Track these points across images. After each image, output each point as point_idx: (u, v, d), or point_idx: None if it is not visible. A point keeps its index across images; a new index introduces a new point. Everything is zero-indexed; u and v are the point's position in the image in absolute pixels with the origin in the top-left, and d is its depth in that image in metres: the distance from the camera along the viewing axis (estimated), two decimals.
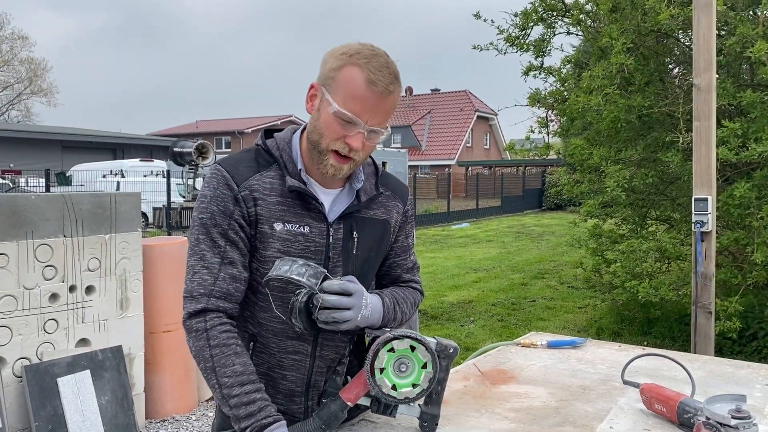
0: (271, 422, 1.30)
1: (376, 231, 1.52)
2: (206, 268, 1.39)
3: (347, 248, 1.47)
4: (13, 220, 3.35)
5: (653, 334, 5.98)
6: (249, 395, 1.32)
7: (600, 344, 2.30)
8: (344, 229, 1.47)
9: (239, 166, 1.43)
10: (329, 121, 1.36)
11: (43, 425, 3.33)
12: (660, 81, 5.51)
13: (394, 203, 1.58)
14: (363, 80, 1.33)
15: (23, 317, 3.39)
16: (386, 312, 1.46)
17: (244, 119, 45.66)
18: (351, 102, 1.33)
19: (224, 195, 1.40)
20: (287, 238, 1.41)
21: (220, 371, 1.33)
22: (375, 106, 1.34)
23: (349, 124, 1.35)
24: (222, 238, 1.39)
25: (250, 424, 1.29)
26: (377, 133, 1.38)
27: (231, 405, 1.32)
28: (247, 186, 1.41)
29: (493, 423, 1.53)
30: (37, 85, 46.27)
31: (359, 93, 1.33)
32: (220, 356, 1.34)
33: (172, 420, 4.13)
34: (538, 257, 12.07)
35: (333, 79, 1.35)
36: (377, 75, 1.33)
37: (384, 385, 1.35)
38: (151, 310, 4.05)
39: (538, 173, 29.36)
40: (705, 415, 1.39)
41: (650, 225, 6.46)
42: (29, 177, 19.22)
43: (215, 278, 1.38)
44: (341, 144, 1.36)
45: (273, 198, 1.42)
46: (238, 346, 1.36)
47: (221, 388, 1.33)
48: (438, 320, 7.06)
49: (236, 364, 1.33)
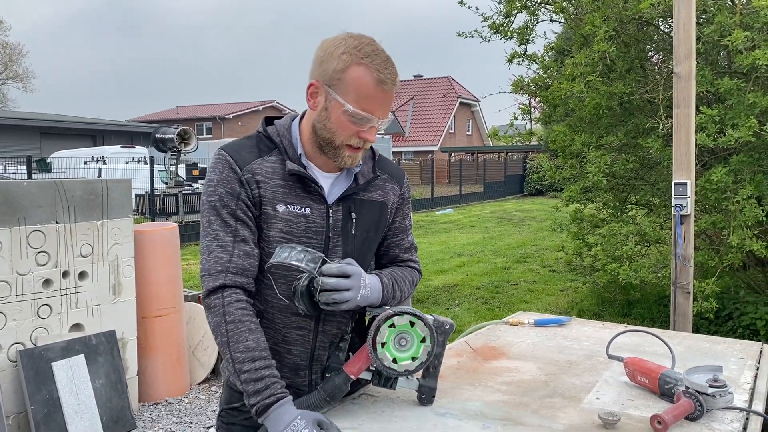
0: (273, 401, 1.36)
1: (373, 212, 1.60)
2: (221, 246, 1.45)
3: (346, 229, 1.54)
4: (5, 207, 3.37)
5: (633, 315, 6.14)
6: (258, 371, 1.38)
7: (584, 323, 2.41)
8: (343, 210, 1.54)
9: (241, 152, 1.50)
10: (341, 120, 1.43)
11: (39, 409, 3.38)
12: (641, 68, 5.62)
13: (391, 186, 1.65)
14: (373, 80, 1.41)
15: (17, 303, 3.42)
16: (385, 291, 1.53)
17: (225, 104, 45.26)
18: (364, 102, 1.41)
19: (230, 177, 1.47)
20: (289, 219, 1.49)
21: (234, 346, 1.39)
22: (385, 102, 1.44)
23: (362, 121, 1.43)
24: (232, 217, 1.47)
25: (256, 402, 1.36)
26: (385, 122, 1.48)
27: (242, 380, 1.38)
28: (249, 170, 1.48)
29: (487, 395, 1.63)
30: (12, 70, 45.47)
31: (371, 93, 1.41)
32: (234, 332, 1.40)
33: (165, 403, 4.20)
34: (519, 242, 12.23)
35: (340, 80, 1.42)
36: (385, 74, 1.42)
37: (385, 358, 1.43)
38: (143, 295, 4.09)
39: (519, 159, 29.55)
40: (684, 384, 1.50)
41: (630, 209, 6.60)
42: (7, 164, 18.95)
43: (230, 255, 1.45)
44: (356, 139, 1.45)
45: (275, 181, 1.49)
46: (253, 323, 1.43)
47: (234, 362, 1.39)
48: (424, 304, 7.17)
49: (249, 340, 1.40)
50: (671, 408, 1.42)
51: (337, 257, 1.54)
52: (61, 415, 3.44)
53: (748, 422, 1.47)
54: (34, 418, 3.35)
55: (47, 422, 3.39)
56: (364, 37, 1.45)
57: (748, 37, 4.15)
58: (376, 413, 1.51)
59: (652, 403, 1.56)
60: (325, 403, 1.48)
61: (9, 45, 45.33)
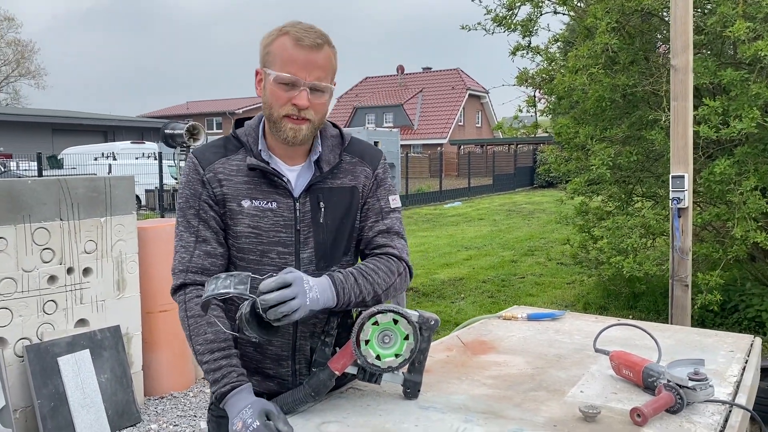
0: (228, 390, 1.42)
1: (344, 199, 1.58)
2: (183, 247, 1.54)
3: (316, 219, 1.55)
4: (10, 205, 3.42)
5: (638, 308, 6.13)
6: (216, 362, 1.45)
7: (578, 317, 2.41)
8: (311, 201, 1.55)
9: (206, 153, 1.57)
10: (273, 90, 1.47)
11: (45, 403, 3.44)
12: (645, 60, 5.59)
13: (362, 168, 1.62)
14: (291, 43, 1.45)
15: (23, 299, 3.48)
16: (339, 288, 1.45)
17: (235, 99, 45.42)
18: (287, 65, 1.45)
19: (193, 179, 1.55)
20: (255, 214, 1.52)
21: (195, 339, 1.47)
22: (308, 61, 1.46)
23: (291, 87, 1.46)
24: (195, 218, 1.54)
25: (215, 390, 1.43)
26: (321, 90, 1.48)
27: (204, 370, 1.46)
28: (211, 169, 1.54)
29: (472, 389, 1.65)
30: (24, 67, 45.83)
31: (290, 54, 1.45)
32: (195, 325, 1.48)
33: (170, 397, 4.25)
34: (528, 235, 12.21)
35: (268, 53, 1.49)
36: (302, 33, 1.46)
37: (369, 355, 1.45)
38: (147, 290, 4.14)
39: (529, 151, 29.44)
40: (666, 378, 1.51)
41: (637, 201, 6.58)
42: (20, 160, 19.14)
43: (191, 255, 1.53)
44: (289, 107, 1.47)
45: (239, 178, 1.53)
46: (213, 316, 1.47)
47: (196, 354, 1.47)
48: (429, 297, 7.20)
49: (208, 333, 1.46)
50: (651, 401, 1.44)
51: (310, 249, 1.55)
52: (67, 409, 3.50)
53: (730, 415, 1.48)
54: (41, 412, 3.41)
55: (54, 416, 3.45)
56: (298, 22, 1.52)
57: (750, 28, 4.13)
58: (361, 407, 1.54)
59: (635, 396, 1.57)
60: (310, 398, 1.51)
61: (21, 42, 45.71)
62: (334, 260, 1.58)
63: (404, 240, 1.65)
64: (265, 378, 1.62)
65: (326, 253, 1.57)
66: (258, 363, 1.61)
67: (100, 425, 3.61)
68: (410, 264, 1.64)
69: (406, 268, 1.61)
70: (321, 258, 1.56)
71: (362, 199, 1.62)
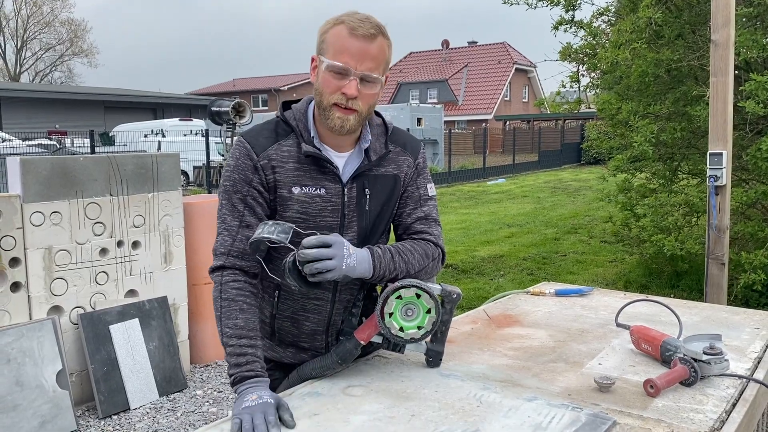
0: (252, 375, 1.46)
1: (387, 186, 1.66)
2: (227, 230, 1.58)
3: (361, 205, 1.62)
4: (64, 181, 3.61)
5: (681, 287, 6.05)
6: (242, 348, 1.49)
7: (606, 293, 2.44)
8: (357, 187, 1.61)
9: (259, 138, 1.59)
10: (325, 77, 1.51)
11: (99, 367, 3.65)
12: (692, 33, 5.45)
13: (404, 158, 1.70)
14: (346, 32, 1.49)
15: (77, 270, 3.68)
16: (377, 262, 1.53)
17: (281, 76, 45.78)
18: (339, 54, 1.49)
19: (245, 165, 1.57)
20: (305, 200, 1.57)
21: (225, 322, 1.52)
22: (360, 52, 1.49)
23: (342, 75, 1.49)
24: (241, 203, 1.57)
25: (235, 372, 1.47)
26: (371, 82, 1.52)
27: (227, 352, 1.51)
28: (266, 155, 1.57)
29: (493, 359, 1.71)
30: (77, 46, 47.16)
31: (344, 43, 1.49)
32: (227, 309, 1.53)
33: (214, 365, 4.45)
34: (572, 212, 12.08)
35: (324, 41, 1.52)
36: (357, 24, 1.49)
37: (392, 327, 1.53)
38: (192, 263, 4.31)
39: (577, 127, 28.89)
40: (682, 351, 1.54)
41: (681, 179, 6.46)
42: (74, 137, 19.80)
43: (233, 239, 1.57)
44: (339, 96, 1.51)
45: (290, 164, 1.57)
46: (245, 304, 1.53)
47: (222, 336, 1.52)
48: (468, 274, 7.24)
49: (239, 319, 1.52)
50: (665, 373, 1.48)
51: (353, 233, 1.62)
52: (118, 374, 3.71)
53: (745, 389, 1.51)
54: (95, 376, 3.62)
55: (106, 380, 3.66)
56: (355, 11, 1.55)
57: None
58: (385, 373, 1.62)
59: (652, 369, 1.61)
60: (336, 365, 1.60)
61: (74, 21, 47.03)
62: (372, 243, 1.64)
63: (440, 227, 1.75)
64: (299, 350, 1.72)
65: (366, 237, 1.65)
66: (294, 337, 1.71)
67: (149, 389, 3.82)
68: (445, 250, 1.73)
69: (440, 254, 1.71)
70: (362, 242, 1.63)
71: (403, 187, 1.69)
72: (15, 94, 26.40)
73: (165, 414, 3.70)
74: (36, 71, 47.02)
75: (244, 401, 1.39)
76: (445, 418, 1.35)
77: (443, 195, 15.58)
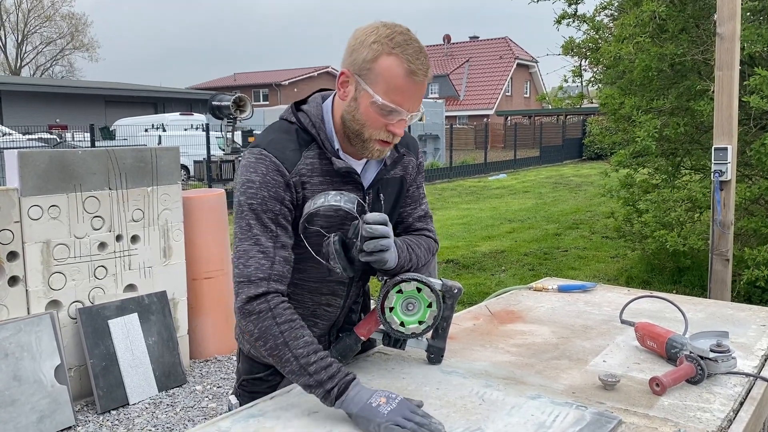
0: (352, 378, 1.34)
1: (396, 188, 1.63)
2: (262, 252, 1.42)
3: (376, 209, 1.57)
4: (62, 174, 3.58)
5: (683, 283, 6.02)
6: (325, 360, 1.36)
7: (610, 289, 2.41)
8: (374, 192, 1.57)
9: (286, 151, 1.46)
10: (370, 111, 1.40)
11: (97, 362, 3.63)
12: (696, 27, 5.40)
13: (409, 159, 1.66)
14: (403, 71, 1.36)
15: (75, 264, 3.66)
16: (400, 252, 1.51)
17: (282, 71, 45.65)
18: (393, 93, 1.37)
19: (275, 181, 1.43)
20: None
21: (293, 344, 1.36)
22: (416, 94, 1.40)
23: (391, 114, 1.40)
24: (273, 222, 1.43)
25: (335, 384, 1.32)
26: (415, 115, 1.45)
27: (311, 372, 1.34)
28: (297, 172, 1.45)
29: (495, 356, 1.68)
30: (78, 40, 47.03)
31: (400, 84, 1.37)
32: (289, 331, 1.38)
33: (214, 360, 4.42)
34: (574, 208, 12.04)
35: (370, 70, 1.38)
36: (416, 64, 1.37)
37: (393, 322, 1.50)
38: (192, 258, 4.29)
39: (578, 122, 28.81)
40: (688, 349, 1.51)
41: (684, 174, 6.42)
42: (75, 132, 19.75)
43: (272, 262, 1.42)
44: (384, 133, 1.42)
45: (316, 179, 1.48)
46: (299, 320, 1.42)
47: (297, 359, 1.35)
48: (469, 269, 7.22)
49: (305, 336, 1.39)
50: (671, 371, 1.45)
51: None
52: (117, 369, 3.69)
53: (752, 387, 1.48)
54: (93, 371, 3.60)
55: (105, 375, 3.64)
56: (398, 26, 1.41)
57: None
58: (385, 370, 1.59)
59: (658, 367, 1.58)
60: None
61: (75, 15, 46.96)
62: None
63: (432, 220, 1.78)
64: None
65: None
66: None
67: (148, 384, 3.79)
68: None
69: (436, 249, 1.74)
70: None
71: (407, 187, 1.67)
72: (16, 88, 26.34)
73: (164, 409, 3.68)
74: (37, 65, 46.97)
75: (372, 403, 1.29)
76: (446, 416, 1.33)
77: (444, 190, 15.55)
